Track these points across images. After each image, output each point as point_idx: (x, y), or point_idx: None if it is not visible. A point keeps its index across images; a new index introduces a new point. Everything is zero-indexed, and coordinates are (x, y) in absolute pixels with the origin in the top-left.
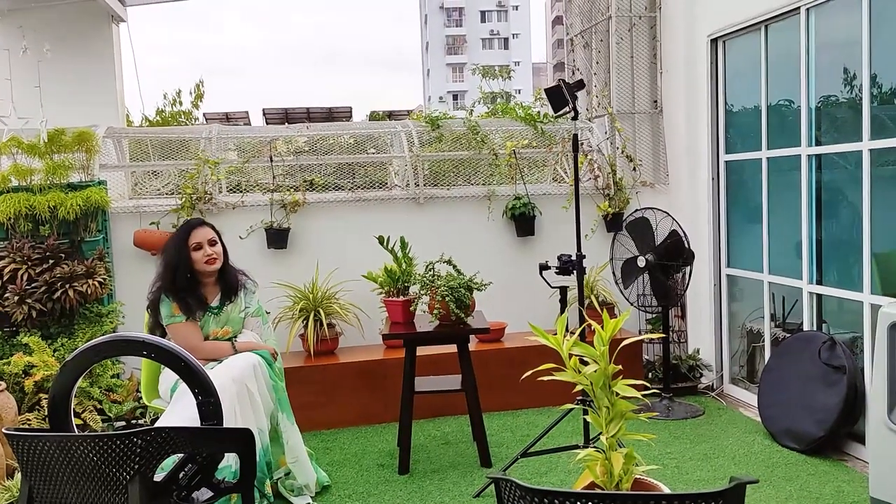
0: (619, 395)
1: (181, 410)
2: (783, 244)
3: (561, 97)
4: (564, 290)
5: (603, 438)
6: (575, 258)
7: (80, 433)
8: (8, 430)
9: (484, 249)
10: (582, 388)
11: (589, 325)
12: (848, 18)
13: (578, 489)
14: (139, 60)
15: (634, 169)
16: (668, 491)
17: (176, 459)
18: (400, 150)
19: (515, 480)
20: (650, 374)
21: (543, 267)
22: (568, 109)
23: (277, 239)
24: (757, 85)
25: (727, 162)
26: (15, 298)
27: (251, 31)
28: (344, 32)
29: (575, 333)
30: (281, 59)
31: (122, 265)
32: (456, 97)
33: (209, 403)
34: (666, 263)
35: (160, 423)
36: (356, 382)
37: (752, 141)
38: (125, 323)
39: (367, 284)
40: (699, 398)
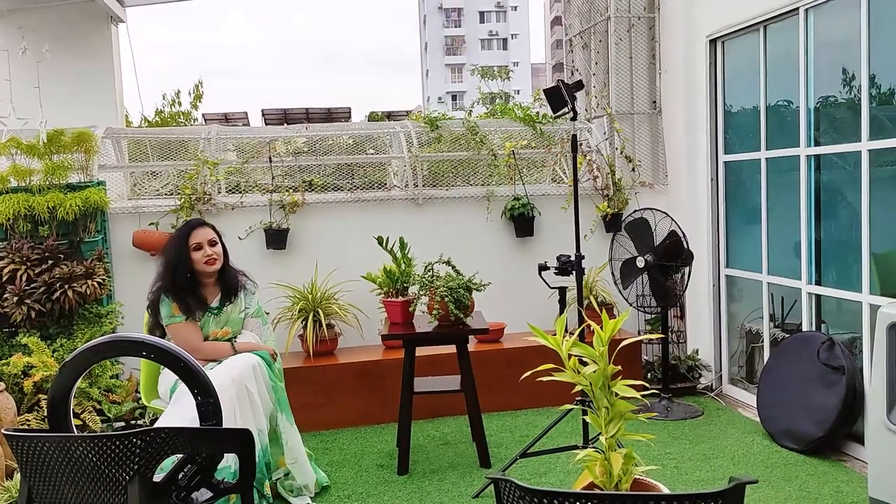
0: (618, 395)
1: (180, 411)
2: (782, 245)
3: (560, 98)
4: (563, 290)
5: (602, 439)
6: (574, 259)
7: (79, 434)
8: (7, 430)
9: (483, 250)
10: (581, 388)
11: (588, 325)
12: (847, 19)
13: (578, 489)
14: (138, 61)
15: (633, 169)
16: (667, 491)
17: (175, 460)
18: (399, 150)
19: (515, 481)
20: (649, 374)
21: (542, 267)
22: (567, 110)
23: (276, 239)
24: (756, 85)
25: (726, 162)
26: (14, 299)
27: (251, 31)
28: (344, 32)
29: (574, 334)
30: (281, 59)
31: (121, 266)
32: (455, 98)
33: (208, 404)
34: (665, 264)
35: (159, 423)
36: (355, 383)
37: (751, 141)
38: (124, 323)
39: (366, 285)
40: (698, 398)
